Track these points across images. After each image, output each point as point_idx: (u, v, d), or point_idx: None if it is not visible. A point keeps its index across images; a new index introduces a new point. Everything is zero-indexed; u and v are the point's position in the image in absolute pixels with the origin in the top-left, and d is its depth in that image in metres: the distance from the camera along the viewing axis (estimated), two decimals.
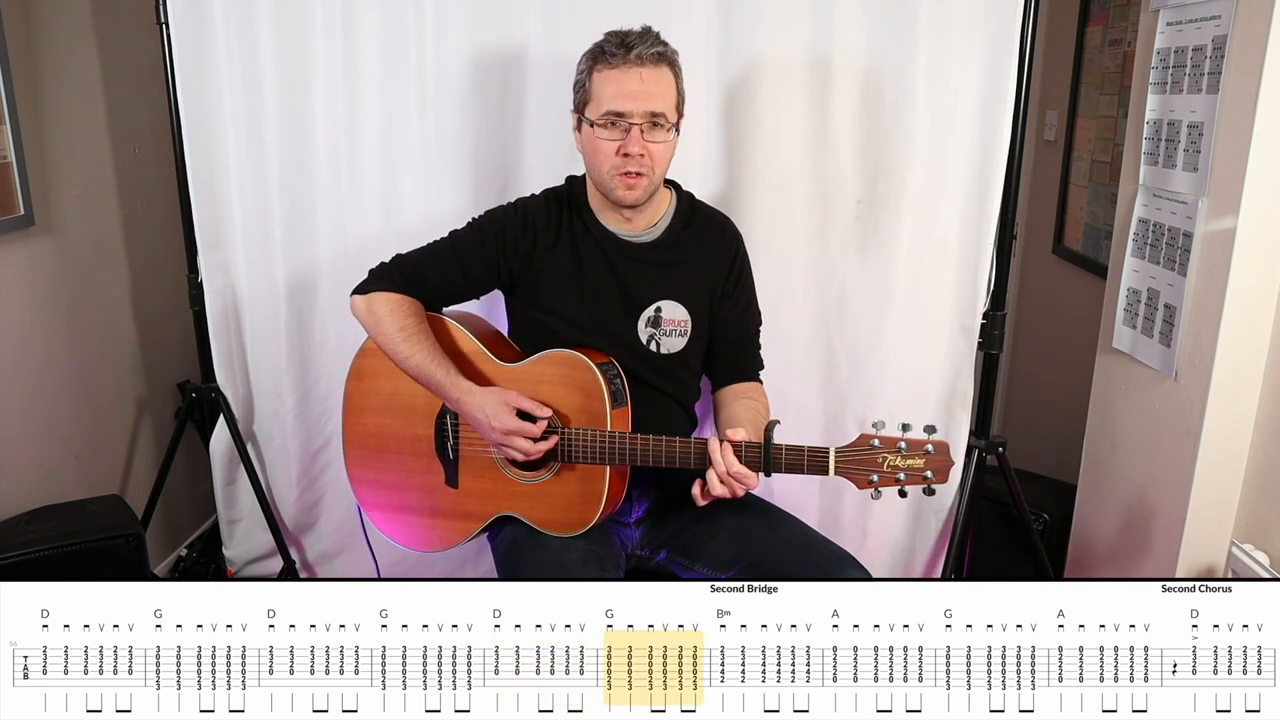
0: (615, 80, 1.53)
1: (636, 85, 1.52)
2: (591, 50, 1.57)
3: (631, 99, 1.52)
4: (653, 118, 1.54)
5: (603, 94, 1.54)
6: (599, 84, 1.54)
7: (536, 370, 1.63)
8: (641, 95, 1.52)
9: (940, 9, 1.87)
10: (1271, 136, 1.53)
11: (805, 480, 2.16)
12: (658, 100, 1.54)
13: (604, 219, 1.66)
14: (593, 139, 1.56)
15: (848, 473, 1.44)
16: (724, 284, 1.71)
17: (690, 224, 1.70)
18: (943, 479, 1.42)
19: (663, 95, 1.55)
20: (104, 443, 2.38)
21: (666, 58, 1.56)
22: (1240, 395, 1.65)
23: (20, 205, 2.02)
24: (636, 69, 1.52)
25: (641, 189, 1.58)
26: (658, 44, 1.54)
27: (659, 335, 1.68)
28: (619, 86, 1.52)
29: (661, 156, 1.57)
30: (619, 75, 1.52)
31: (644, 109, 1.53)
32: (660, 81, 1.54)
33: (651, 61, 1.53)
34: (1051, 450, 2.68)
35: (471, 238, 1.68)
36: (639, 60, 1.51)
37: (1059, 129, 2.86)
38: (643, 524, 1.74)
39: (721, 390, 1.76)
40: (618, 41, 1.53)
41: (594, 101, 1.55)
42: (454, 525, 1.72)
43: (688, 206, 1.72)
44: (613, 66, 1.52)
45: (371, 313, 1.66)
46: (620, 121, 1.53)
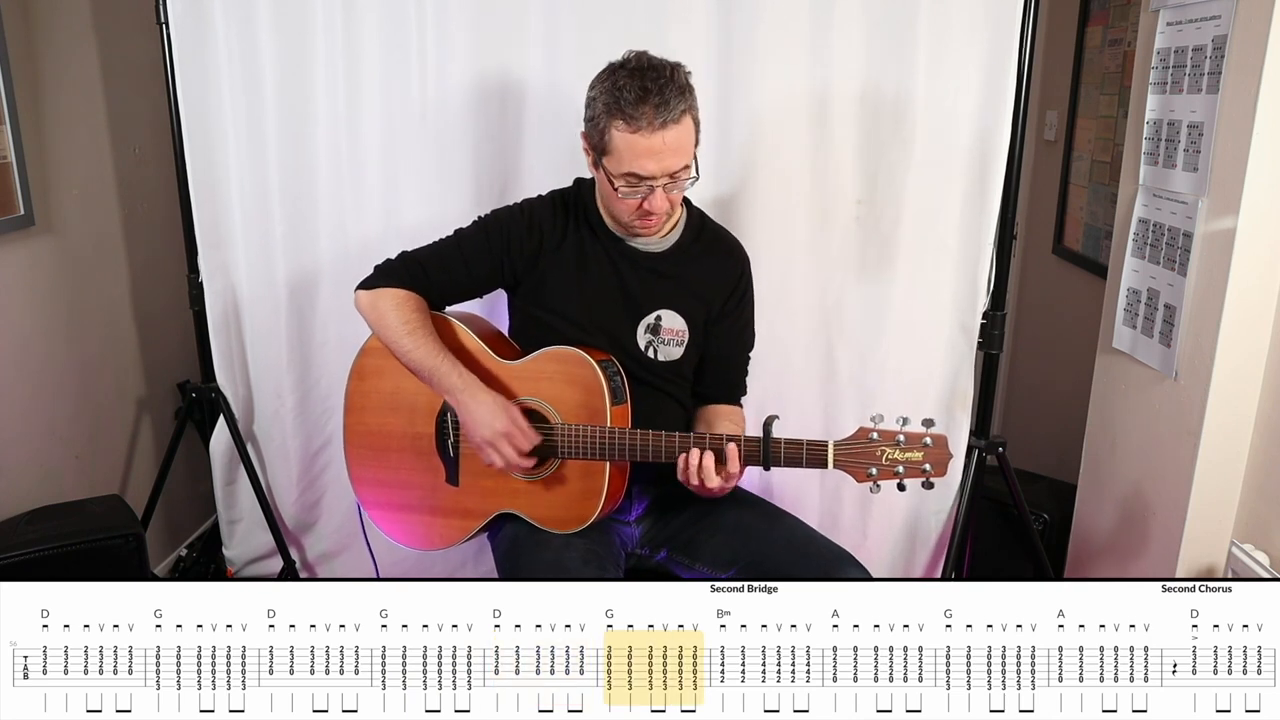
0: (637, 144, 1.46)
1: (659, 149, 1.47)
2: (607, 99, 1.47)
3: (655, 162, 1.48)
4: (676, 174, 1.52)
5: (623, 154, 1.48)
6: (619, 142, 1.48)
7: (537, 367, 1.63)
8: (665, 156, 1.48)
9: (940, 10, 1.87)
10: (1271, 136, 1.53)
11: (805, 480, 2.16)
12: (680, 157, 1.50)
13: (614, 227, 1.66)
14: (609, 189, 1.54)
15: (846, 466, 1.45)
16: (725, 302, 1.71)
17: (699, 239, 1.71)
18: (941, 472, 1.42)
19: (684, 149, 1.50)
20: (104, 443, 2.38)
21: (689, 109, 1.49)
22: (1240, 395, 1.65)
23: (20, 205, 2.03)
24: (660, 134, 1.46)
25: (658, 225, 1.59)
26: (677, 100, 1.46)
27: (657, 343, 1.68)
28: (641, 150, 1.47)
29: (679, 199, 1.58)
30: (641, 141, 1.46)
31: (667, 170, 1.49)
32: (681, 137, 1.49)
33: (674, 123, 1.47)
34: (1051, 450, 2.68)
35: (477, 237, 1.68)
36: (662, 126, 1.45)
37: (1059, 129, 2.86)
38: (643, 522, 1.74)
39: (703, 408, 1.76)
40: (637, 96, 1.44)
41: (613, 157, 1.50)
42: (454, 523, 1.72)
43: (698, 222, 1.72)
44: (633, 129, 1.46)
45: (376, 308, 1.66)
46: (642, 183, 1.51)
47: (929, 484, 1.43)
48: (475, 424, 1.58)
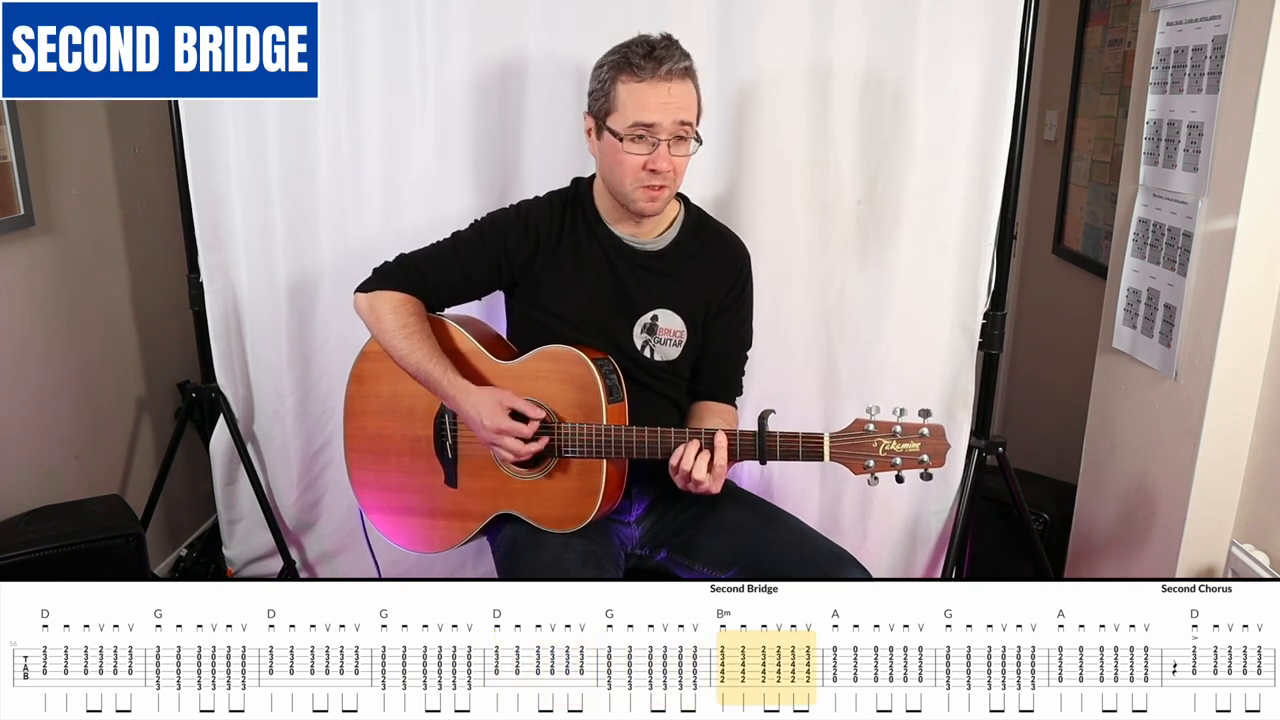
0: (643, 93, 1.51)
1: (665, 97, 1.51)
2: (614, 60, 1.55)
3: (661, 110, 1.51)
4: (681, 127, 1.54)
5: (629, 105, 1.52)
6: (624, 96, 1.53)
7: (532, 366, 1.63)
8: (670, 107, 1.52)
9: (940, 9, 1.87)
10: (1271, 136, 1.53)
11: (805, 480, 2.16)
12: (685, 111, 1.54)
13: (612, 224, 1.66)
14: (617, 151, 1.55)
15: (843, 458, 1.45)
16: (723, 299, 1.71)
17: (697, 236, 1.71)
18: (939, 462, 1.42)
19: (690, 106, 1.55)
20: (104, 443, 2.38)
21: (691, 71, 1.55)
22: (1240, 395, 1.65)
23: (20, 205, 2.02)
24: (665, 83, 1.51)
25: (663, 200, 1.59)
26: (684, 58, 1.54)
27: (654, 343, 1.68)
28: (648, 99, 1.51)
29: (684, 169, 1.59)
30: (647, 89, 1.51)
31: (673, 119, 1.52)
32: (686, 95, 1.54)
33: (679, 76, 1.52)
34: (1051, 450, 2.68)
35: (474, 239, 1.69)
36: (668, 75, 1.51)
37: (1059, 129, 2.86)
38: (643, 522, 1.75)
39: (697, 404, 1.76)
40: (644, 52, 1.52)
41: (618, 112, 1.54)
42: (454, 525, 1.72)
43: (696, 219, 1.72)
44: (640, 79, 1.51)
45: (374, 310, 1.67)
46: (648, 135, 1.53)
47: (927, 475, 1.43)
48: (475, 425, 1.59)
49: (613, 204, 1.65)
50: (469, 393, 1.60)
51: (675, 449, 1.51)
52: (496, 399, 1.58)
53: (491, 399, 1.58)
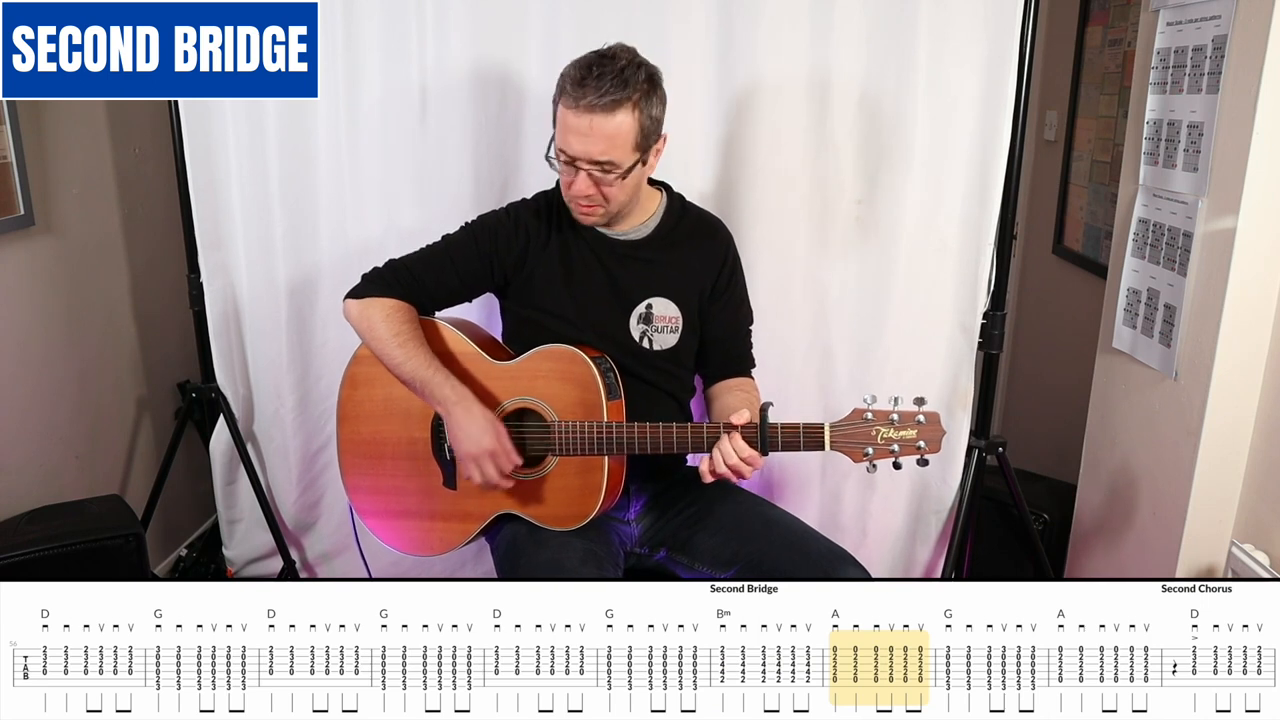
0: (568, 120, 1.51)
1: (585, 131, 1.50)
2: (562, 75, 1.53)
3: (580, 143, 1.51)
4: (598, 166, 1.52)
5: (559, 129, 1.53)
6: (560, 117, 1.53)
7: (531, 366, 1.63)
8: (587, 142, 1.50)
9: (940, 9, 1.86)
10: (1271, 136, 1.53)
11: (805, 479, 2.16)
12: (602, 150, 1.50)
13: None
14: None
15: (843, 447, 1.46)
16: (715, 282, 1.72)
17: (681, 223, 1.72)
18: (935, 449, 1.44)
19: (610, 143, 1.50)
20: (104, 443, 2.38)
21: (626, 100, 1.49)
22: (1240, 395, 1.65)
23: (20, 205, 2.02)
24: (587, 116, 1.48)
25: (597, 217, 1.61)
26: (614, 89, 1.47)
27: (651, 332, 1.68)
28: (570, 127, 1.51)
29: (616, 191, 1.57)
30: (571, 117, 1.50)
31: (589, 157, 1.51)
32: (609, 128, 1.49)
33: (604, 110, 1.48)
34: (1051, 450, 2.68)
35: (465, 241, 1.70)
36: (589, 109, 1.48)
37: (1059, 129, 2.86)
38: (642, 520, 1.75)
39: (714, 385, 1.77)
40: (579, 76, 1.49)
41: (557, 132, 1.55)
42: (453, 527, 1.72)
43: (678, 207, 1.73)
44: (569, 106, 1.50)
45: (366, 318, 1.66)
46: (570, 160, 1.54)
47: (924, 461, 1.46)
48: (464, 438, 1.58)
49: None
50: (470, 403, 1.58)
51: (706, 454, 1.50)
52: (494, 421, 1.58)
53: (491, 419, 1.58)
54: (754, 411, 1.49)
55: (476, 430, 1.56)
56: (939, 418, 1.44)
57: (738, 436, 1.47)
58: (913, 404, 1.44)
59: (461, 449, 1.59)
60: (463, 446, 1.58)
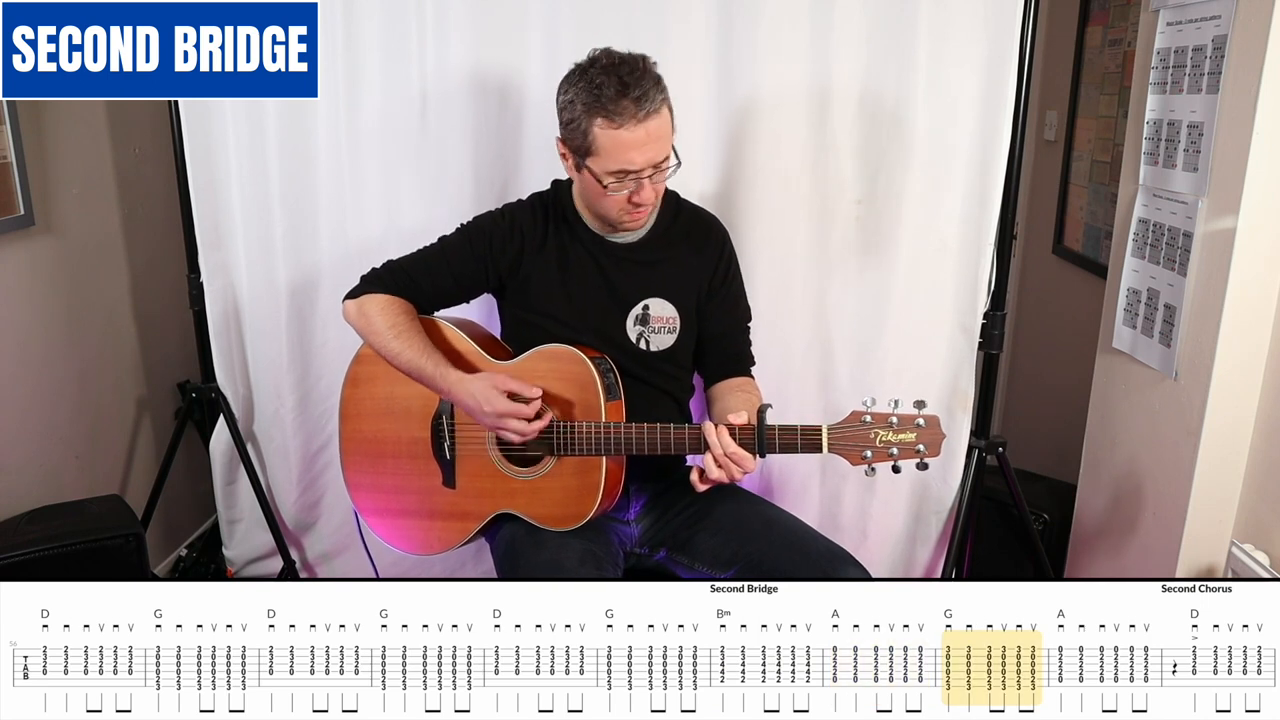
0: (622, 139, 1.48)
1: (644, 142, 1.48)
2: (586, 100, 1.48)
3: (641, 155, 1.49)
4: (657, 169, 1.53)
5: (609, 152, 1.49)
6: (603, 141, 1.49)
7: (530, 366, 1.63)
8: (648, 151, 1.50)
9: (940, 10, 1.87)
10: (1271, 136, 1.53)
11: (804, 479, 2.16)
12: (663, 146, 1.52)
13: (591, 224, 1.67)
14: (600, 191, 1.54)
15: (841, 450, 1.45)
16: (711, 281, 1.72)
17: (676, 222, 1.72)
18: (935, 452, 1.43)
19: (665, 139, 1.52)
20: (104, 443, 2.38)
21: (662, 96, 1.50)
22: (1240, 395, 1.65)
23: (20, 205, 2.03)
24: (642, 126, 1.47)
25: (646, 216, 1.62)
26: (657, 88, 1.49)
27: (648, 333, 1.68)
28: (627, 145, 1.48)
29: (662, 189, 1.60)
30: (626, 135, 1.47)
31: (653, 161, 1.51)
32: (662, 129, 1.51)
33: (654, 114, 1.48)
34: (1051, 450, 2.68)
35: (461, 243, 1.70)
36: (644, 119, 1.47)
37: (1059, 129, 2.86)
38: (641, 520, 1.75)
39: (714, 385, 1.77)
40: (616, 92, 1.46)
41: (598, 156, 1.50)
42: (453, 526, 1.72)
43: (673, 205, 1.73)
44: (616, 125, 1.47)
45: (363, 314, 1.67)
46: (629, 177, 1.52)
47: (923, 465, 1.44)
48: (476, 413, 1.59)
49: (594, 218, 1.66)
50: (464, 381, 1.60)
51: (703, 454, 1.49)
52: (491, 382, 1.58)
53: (486, 383, 1.58)
54: (753, 414, 1.49)
55: (482, 401, 1.57)
56: (939, 421, 1.43)
57: (724, 431, 1.46)
58: (912, 407, 1.43)
59: (483, 424, 1.60)
60: (482, 421, 1.60)
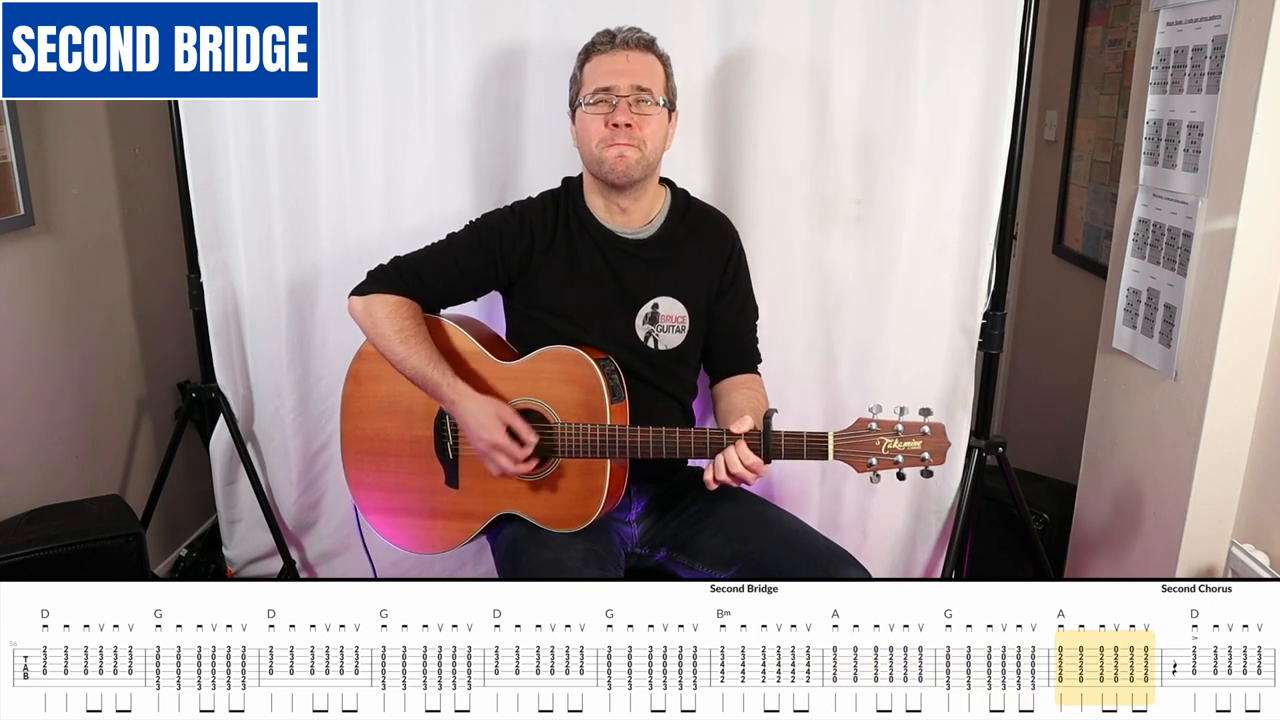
0: (602, 63, 1.60)
1: (623, 64, 1.59)
2: (583, 48, 1.65)
3: (618, 75, 1.58)
4: (639, 92, 1.58)
5: (591, 77, 1.61)
6: (588, 71, 1.62)
7: (534, 367, 1.63)
8: (628, 72, 1.59)
9: (940, 9, 1.86)
10: (1271, 136, 1.53)
11: (805, 480, 2.16)
12: (643, 77, 1.59)
13: (600, 215, 1.67)
14: (582, 118, 1.61)
15: (846, 457, 1.45)
16: (720, 280, 1.72)
17: (685, 220, 1.71)
18: (940, 460, 1.43)
19: (648, 74, 1.60)
20: (104, 443, 2.38)
21: (654, 49, 1.63)
22: (1240, 395, 1.65)
23: (20, 205, 2.02)
24: (623, 52, 1.60)
25: (633, 160, 1.58)
26: (646, 38, 1.63)
27: (657, 332, 1.68)
28: (606, 67, 1.60)
29: (653, 132, 1.60)
30: (606, 59, 1.60)
31: (630, 83, 1.58)
32: (646, 63, 1.61)
33: (638, 46, 1.61)
34: (1051, 450, 2.68)
35: (469, 240, 1.69)
36: (625, 45, 1.60)
37: (1059, 129, 2.86)
38: (642, 521, 1.75)
39: (720, 382, 1.77)
40: (607, 33, 1.62)
41: (583, 86, 1.62)
42: (455, 525, 1.72)
43: (683, 203, 1.73)
44: (601, 53, 1.61)
45: (369, 314, 1.66)
46: (608, 96, 1.58)
47: (928, 472, 1.44)
48: (470, 435, 1.60)
49: (601, 199, 1.67)
50: (470, 399, 1.59)
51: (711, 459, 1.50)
52: (496, 413, 1.58)
53: (492, 412, 1.58)
54: (758, 416, 1.49)
55: (480, 425, 1.57)
56: (944, 429, 1.43)
57: (743, 445, 1.47)
58: (918, 414, 1.42)
59: (473, 446, 1.61)
60: (473, 444, 1.60)
